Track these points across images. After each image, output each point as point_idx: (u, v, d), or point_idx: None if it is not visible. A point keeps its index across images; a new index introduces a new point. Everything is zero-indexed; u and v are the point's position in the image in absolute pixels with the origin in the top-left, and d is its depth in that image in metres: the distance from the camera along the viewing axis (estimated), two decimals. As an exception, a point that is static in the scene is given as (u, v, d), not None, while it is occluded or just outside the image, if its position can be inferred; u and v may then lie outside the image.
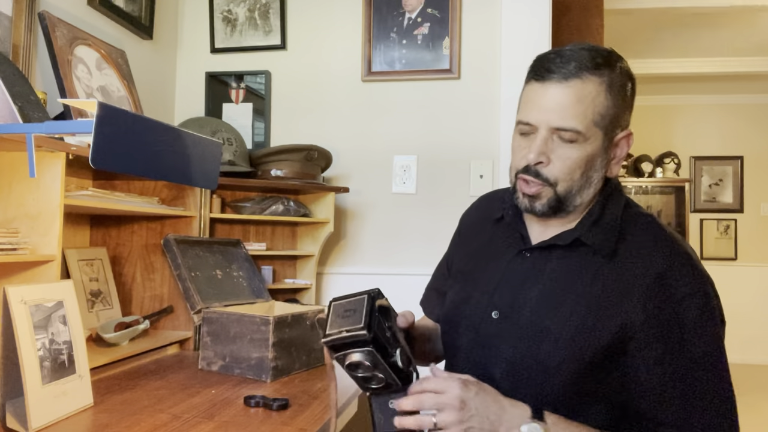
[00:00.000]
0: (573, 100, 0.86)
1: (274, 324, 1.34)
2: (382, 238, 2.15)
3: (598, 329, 0.86)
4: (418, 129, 2.13)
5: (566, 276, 0.91)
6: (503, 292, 0.95)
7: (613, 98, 0.88)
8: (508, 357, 0.91)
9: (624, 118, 0.91)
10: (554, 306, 0.90)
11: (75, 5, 1.72)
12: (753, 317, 5.28)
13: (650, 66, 4.58)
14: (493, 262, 1.00)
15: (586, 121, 0.86)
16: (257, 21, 2.22)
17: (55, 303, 1.04)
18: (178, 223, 1.68)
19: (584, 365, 0.86)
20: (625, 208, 0.94)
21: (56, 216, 1.17)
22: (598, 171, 0.91)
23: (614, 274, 0.88)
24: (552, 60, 0.88)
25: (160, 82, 2.20)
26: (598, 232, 0.91)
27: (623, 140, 0.93)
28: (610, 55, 0.89)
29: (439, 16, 2.08)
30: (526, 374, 0.89)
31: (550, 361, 0.87)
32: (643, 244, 0.90)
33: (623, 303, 0.86)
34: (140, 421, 1.02)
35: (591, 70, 0.86)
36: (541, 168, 0.89)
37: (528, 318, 0.91)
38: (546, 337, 0.88)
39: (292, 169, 1.94)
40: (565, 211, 0.92)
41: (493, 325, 0.94)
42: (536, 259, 0.95)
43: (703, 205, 5.52)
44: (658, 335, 0.84)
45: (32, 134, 0.92)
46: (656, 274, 0.86)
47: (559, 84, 0.86)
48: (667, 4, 3.35)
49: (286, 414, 1.10)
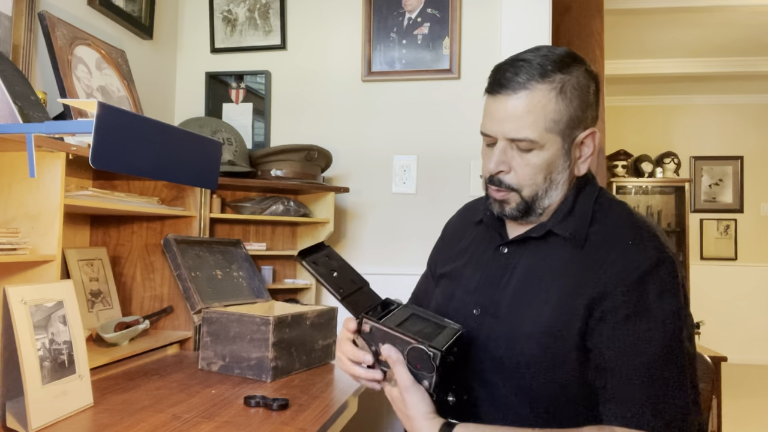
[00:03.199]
0: (523, 111, 0.88)
1: (274, 324, 1.34)
2: (382, 238, 2.15)
3: (570, 315, 0.87)
4: (418, 129, 2.13)
5: (539, 268, 0.94)
6: (483, 288, 0.98)
7: (566, 102, 0.89)
8: (493, 353, 0.92)
9: (585, 119, 0.92)
10: (528, 299, 0.92)
11: (75, 5, 1.72)
12: (753, 317, 5.28)
13: (650, 66, 4.58)
14: (474, 261, 1.03)
15: (539, 130, 0.89)
16: (257, 21, 2.22)
17: (55, 303, 1.04)
18: (178, 223, 1.68)
19: (562, 357, 0.87)
20: (597, 198, 0.96)
21: (56, 216, 1.17)
22: (561, 173, 0.93)
23: (584, 259, 0.90)
24: (504, 73, 0.91)
25: (160, 82, 2.20)
26: (570, 222, 0.94)
27: (588, 138, 0.94)
28: (564, 60, 0.90)
29: (439, 16, 2.08)
30: (511, 370, 0.90)
31: (529, 356, 0.88)
32: (611, 227, 0.92)
33: (590, 280, 0.87)
34: (140, 421, 1.02)
35: (539, 79, 0.88)
36: (503, 176, 0.93)
37: (505, 313, 0.93)
38: (522, 331, 0.90)
39: (292, 169, 1.94)
40: (535, 213, 0.95)
41: (476, 322, 0.96)
42: (511, 254, 0.98)
43: (703, 205, 5.52)
44: (619, 305, 0.84)
45: (32, 134, 0.92)
46: (622, 249, 0.87)
47: (508, 97, 0.90)
48: (667, 4, 3.36)
49: (286, 414, 1.10)
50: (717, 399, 2.73)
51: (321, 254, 0.90)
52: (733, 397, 3.98)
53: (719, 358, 2.67)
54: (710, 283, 5.31)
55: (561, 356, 0.87)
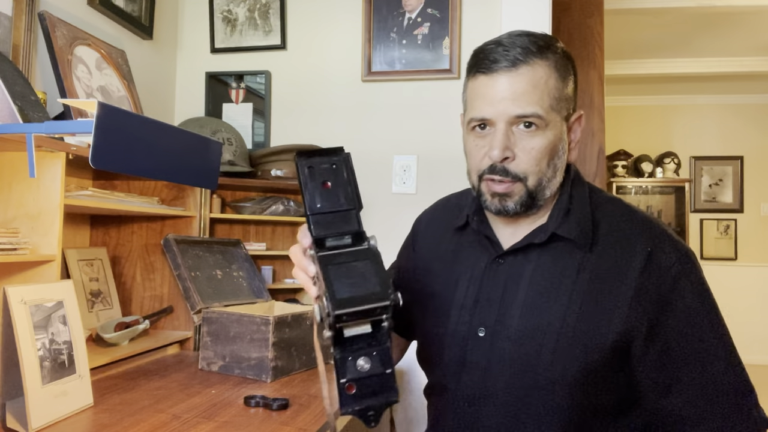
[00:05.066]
0: (527, 86, 0.81)
1: (274, 324, 1.34)
2: (382, 238, 2.14)
3: (601, 324, 0.81)
4: (418, 129, 2.12)
5: (550, 275, 0.86)
6: (485, 305, 0.89)
7: (562, 81, 0.85)
8: (506, 378, 0.84)
9: (575, 100, 0.88)
10: (544, 310, 0.84)
11: (75, 5, 1.72)
12: (753, 317, 5.28)
13: (650, 66, 4.58)
14: (466, 274, 0.93)
15: (545, 106, 0.82)
16: (257, 21, 2.22)
17: (55, 303, 1.04)
18: (178, 223, 1.68)
19: (591, 370, 0.81)
20: (590, 194, 0.92)
21: (56, 216, 1.17)
22: (561, 157, 0.87)
23: (600, 263, 0.84)
24: (493, 50, 0.83)
25: (160, 82, 2.20)
26: (571, 222, 0.87)
27: (575, 123, 0.90)
28: (549, 38, 0.86)
29: (439, 16, 2.08)
30: (528, 392, 0.83)
31: (553, 373, 0.81)
32: (620, 228, 0.86)
33: (620, 291, 0.82)
34: (140, 421, 1.02)
35: (536, 54, 0.82)
36: (508, 164, 0.84)
37: (517, 330, 0.85)
38: (542, 346, 0.82)
39: (292, 169, 1.94)
40: (536, 206, 0.87)
41: (482, 344, 0.87)
42: (512, 263, 0.89)
43: (703, 205, 5.51)
44: (660, 323, 0.81)
45: (32, 134, 0.92)
46: (645, 255, 0.83)
47: (509, 72, 0.82)
48: (667, 5, 3.35)
49: (286, 414, 1.10)
50: (717, 399, 2.72)
51: (326, 160, 0.72)
52: (733, 397, 3.97)
53: (719, 358, 2.66)
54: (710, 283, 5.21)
55: (589, 374, 0.81)
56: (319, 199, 0.70)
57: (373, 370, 0.63)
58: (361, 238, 0.70)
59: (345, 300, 0.61)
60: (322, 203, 0.70)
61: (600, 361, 0.81)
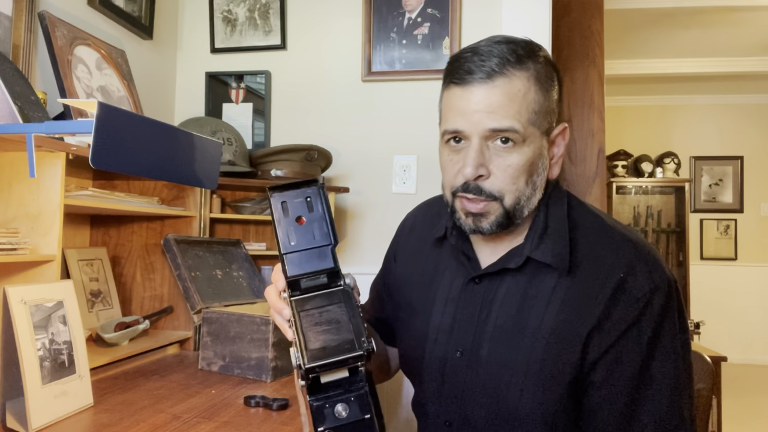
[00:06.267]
0: (503, 99, 0.76)
1: (274, 324, 1.34)
2: (382, 238, 2.15)
3: (565, 356, 0.78)
4: (418, 129, 2.12)
5: (521, 301, 0.82)
6: (461, 326, 0.86)
7: (543, 92, 0.79)
8: (482, 407, 0.82)
9: (558, 112, 0.83)
10: (512, 339, 0.81)
11: (75, 5, 1.72)
12: (753, 317, 5.28)
13: (650, 66, 4.58)
14: (443, 293, 0.90)
15: (522, 120, 0.77)
16: (257, 21, 2.22)
17: (55, 303, 1.04)
18: (178, 223, 1.68)
19: (561, 408, 0.79)
20: (568, 210, 0.86)
21: (56, 216, 1.17)
22: (540, 175, 0.82)
23: (573, 288, 0.80)
24: (469, 59, 0.78)
25: (160, 82, 2.20)
26: (548, 244, 0.82)
27: (559, 137, 0.84)
28: (530, 46, 0.80)
29: (439, 16, 2.08)
30: (503, 423, 0.81)
31: (521, 407, 0.79)
32: (596, 251, 0.81)
33: (587, 320, 0.78)
34: (140, 421, 1.02)
35: (514, 64, 0.77)
36: (482, 182, 0.79)
37: (487, 357, 0.82)
38: (510, 378, 0.80)
39: (292, 169, 1.94)
40: (514, 224, 0.83)
41: (459, 365, 0.85)
42: (488, 286, 0.85)
43: (703, 205, 5.52)
44: (616, 351, 0.78)
45: (32, 134, 0.92)
46: (617, 281, 0.78)
47: (484, 84, 0.76)
48: (667, 4, 3.36)
49: (286, 414, 1.10)
50: (717, 399, 2.73)
51: (300, 193, 0.70)
52: (733, 397, 3.98)
53: (719, 358, 2.67)
54: (710, 283, 5.31)
55: (557, 409, 0.78)
56: (294, 236, 0.69)
57: (351, 416, 0.61)
58: (336, 277, 0.68)
59: (317, 351, 0.60)
60: (296, 240, 0.69)
61: (568, 396, 0.79)
